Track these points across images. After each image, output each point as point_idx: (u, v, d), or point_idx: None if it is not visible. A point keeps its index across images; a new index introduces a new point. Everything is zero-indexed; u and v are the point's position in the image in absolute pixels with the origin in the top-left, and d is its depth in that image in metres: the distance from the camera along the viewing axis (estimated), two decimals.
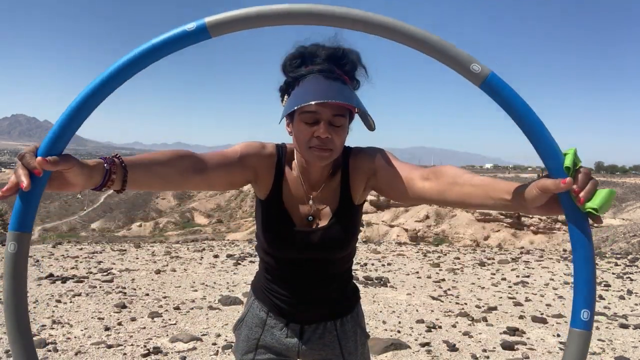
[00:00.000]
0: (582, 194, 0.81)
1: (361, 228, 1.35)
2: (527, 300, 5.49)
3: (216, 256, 8.10)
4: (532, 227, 37.62)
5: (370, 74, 1.25)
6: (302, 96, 1.11)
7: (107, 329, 3.82)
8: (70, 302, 4.61)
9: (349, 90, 1.16)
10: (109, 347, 3.41)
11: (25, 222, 0.83)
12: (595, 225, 0.79)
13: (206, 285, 5.73)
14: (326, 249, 1.26)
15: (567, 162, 0.82)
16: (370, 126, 1.20)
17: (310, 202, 1.27)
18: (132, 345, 3.49)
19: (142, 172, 0.97)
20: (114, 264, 6.97)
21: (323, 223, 1.27)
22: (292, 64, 1.20)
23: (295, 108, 1.10)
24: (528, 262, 8.46)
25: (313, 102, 1.07)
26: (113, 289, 5.23)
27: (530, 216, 37.87)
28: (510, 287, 6.27)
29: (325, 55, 1.18)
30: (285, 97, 1.21)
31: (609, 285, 6.49)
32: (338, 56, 1.19)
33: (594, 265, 0.85)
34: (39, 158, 0.80)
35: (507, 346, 3.74)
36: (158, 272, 6.41)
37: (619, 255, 10.34)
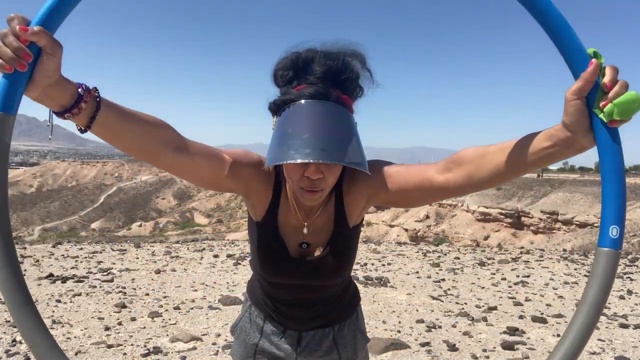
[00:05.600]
0: (613, 89, 0.72)
1: (361, 228, 1.32)
2: (527, 300, 5.49)
3: (216, 256, 8.10)
4: (532, 227, 37.61)
5: (375, 77, 1.12)
6: (287, 143, 0.94)
7: (107, 328, 3.82)
8: (70, 302, 4.61)
9: (346, 124, 1.00)
10: (109, 347, 3.41)
11: (9, 103, 0.74)
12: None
13: (206, 285, 5.73)
14: (320, 278, 1.22)
15: (590, 50, 0.75)
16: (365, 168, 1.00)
17: (305, 230, 1.18)
18: (132, 345, 3.49)
19: (116, 118, 0.84)
20: (114, 263, 6.97)
21: (317, 251, 1.21)
22: (283, 75, 1.07)
23: (280, 162, 0.95)
24: (528, 262, 8.46)
25: (299, 161, 0.92)
26: (113, 289, 5.23)
27: (530, 216, 37.85)
28: (510, 287, 6.27)
29: (321, 72, 1.03)
30: (275, 118, 1.05)
31: None
32: (336, 71, 1.03)
33: (624, 177, 0.76)
34: (35, 27, 0.72)
35: (507, 346, 3.74)
36: (158, 272, 6.41)
37: None
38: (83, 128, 0.83)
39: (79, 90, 0.80)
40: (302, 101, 0.99)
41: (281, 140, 0.97)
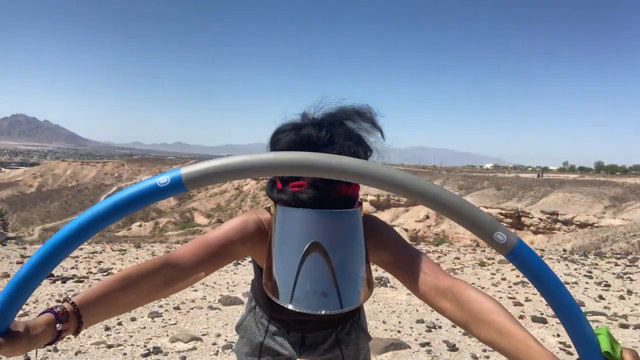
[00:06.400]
0: None
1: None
2: (527, 300, 5.49)
3: None
4: (532, 227, 37.61)
5: (383, 133, 1.10)
6: (284, 276, 0.93)
7: (107, 329, 3.82)
8: None
9: (348, 236, 0.97)
10: (109, 347, 3.41)
11: None
12: None
13: (206, 285, 5.73)
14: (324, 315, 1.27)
15: (604, 345, 0.70)
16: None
17: None
18: (132, 345, 3.49)
19: (100, 311, 0.85)
20: (114, 264, 6.97)
21: None
22: None
23: (284, 305, 0.94)
24: None
25: (297, 310, 0.93)
26: None
27: (530, 216, 37.86)
28: (510, 287, 6.27)
29: None
30: (274, 207, 1.02)
31: (609, 285, 6.48)
32: None
33: None
34: None
35: None
36: None
37: (619, 255, 10.33)
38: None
39: (57, 327, 0.78)
40: (301, 210, 0.95)
41: (284, 279, 0.96)
